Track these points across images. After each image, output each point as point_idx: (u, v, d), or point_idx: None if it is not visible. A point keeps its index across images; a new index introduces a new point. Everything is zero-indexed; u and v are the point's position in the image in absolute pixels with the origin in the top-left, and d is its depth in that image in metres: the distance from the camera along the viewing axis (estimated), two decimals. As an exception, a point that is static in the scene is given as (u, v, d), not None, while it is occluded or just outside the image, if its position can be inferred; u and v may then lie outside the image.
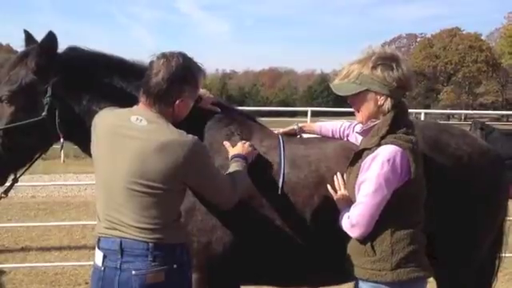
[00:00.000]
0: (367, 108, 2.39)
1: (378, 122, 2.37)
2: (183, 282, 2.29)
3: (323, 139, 2.99)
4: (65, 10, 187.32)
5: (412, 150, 2.29)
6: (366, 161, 2.32)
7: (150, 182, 2.15)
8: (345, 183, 2.53)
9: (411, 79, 2.41)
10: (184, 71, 2.26)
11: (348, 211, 2.38)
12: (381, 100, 2.35)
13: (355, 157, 2.47)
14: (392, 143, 2.29)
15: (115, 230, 2.21)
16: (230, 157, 2.59)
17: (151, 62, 2.29)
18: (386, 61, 2.35)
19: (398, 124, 2.34)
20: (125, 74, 2.75)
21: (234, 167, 2.51)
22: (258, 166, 2.70)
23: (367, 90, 2.36)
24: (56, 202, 10.09)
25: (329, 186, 2.56)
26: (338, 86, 2.46)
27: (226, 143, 2.70)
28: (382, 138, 2.32)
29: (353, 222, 2.31)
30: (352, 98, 2.43)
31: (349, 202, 2.45)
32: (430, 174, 2.53)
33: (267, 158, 2.75)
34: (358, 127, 2.76)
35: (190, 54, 2.36)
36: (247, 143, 2.68)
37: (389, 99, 2.34)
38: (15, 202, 9.18)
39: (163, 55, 2.28)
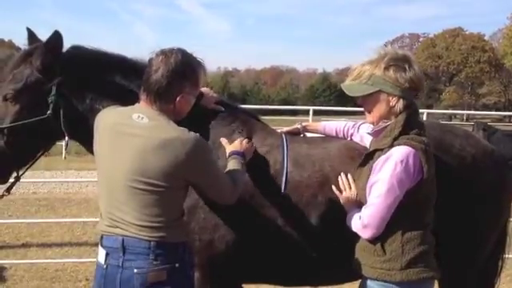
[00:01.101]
0: (379, 109, 2.38)
1: (390, 122, 2.36)
2: (185, 281, 2.27)
3: (327, 139, 2.97)
4: (67, 6, 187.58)
5: (424, 150, 2.28)
6: (379, 162, 2.31)
7: (152, 180, 2.14)
8: (349, 183, 2.52)
9: (423, 80, 2.40)
10: (183, 67, 2.24)
11: (358, 212, 2.37)
12: (393, 101, 2.34)
13: (366, 157, 2.46)
14: (405, 144, 2.27)
15: (117, 228, 2.20)
16: (227, 153, 2.59)
17: (150, 60, 2.28)
18: (399, 62, 2.33)
19: (411, 125, 2.33)
20: (127, 73, 2.75)
21: (232, 164, 2.50)
22: (260, 165, 2.69)
23: (379, 91, 2.35)
24: (57, 199, 10.11)
25: (333, 187, 2.55)
26: (350, 87, 2.44)
27: (223, 140, 2.69)
28: (395, 139, 2.31)
29: (364, 222, 2.30)
30: (363, 99, 2.42)
31: (355, 202, 2.45)
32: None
33: (270, 156, 2.74)
34: (365, 127, 2.75)
35: (190, 51, 2.34)
36: (245, 140, 2.67)
37: (401, 100, 2.33)
38: (16, 198, 9.19)
39: (162, 52, 2.27)
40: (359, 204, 2.41)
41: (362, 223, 2.31)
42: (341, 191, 2.52)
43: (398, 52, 2.40)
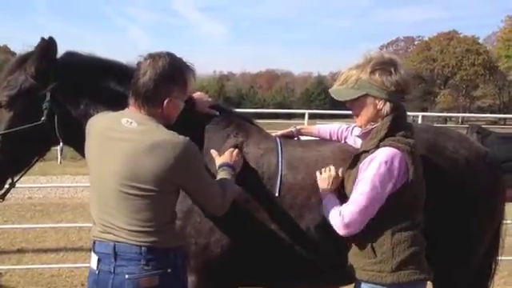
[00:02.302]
0: (366, 112, 2.40)
1: (377, 125, 2.38)
2: (178, 286, 2.28)
3: (321, 141, 2.99)
4: (62, 11, 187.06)
5: (410, 152, 2.30)
6: (364, 162, 2.34)
7: (141, 184, 2.14)
8: (330, 168, 2.56)
9: (409, 83, 2.43)
10: (171, 71, 2.24)
11: (337, 206, 2.39)
12: (380, 104, 2.36)
13: (354, 159, 2.48)
14: (390, 146, 2.30)
15: (109, 234, 2.20)
16: (217, 165, 2.58)
17: (139, 63, 2.28)
18: (384, 65, 2.36)
19: (397, 127, 2.35)
20: (121, 78, 2.74)
21: (221, 175, 2.50)
22: (255, 168, 2.70)
23: (366, 95, 2.37)
24: (52, 204, 10.07)
25: (317, 173, 2.58)
26: (337, 92, 2.47)
27: (213, 152, 2.68)
28: (381, 140, 2.34)
29: (345, 220, 2.31)
30: (351, 103, 2.45)
31: (333, 185, 2.50)
32: (426, 176, 2.53)
33: (265, 159, 2.75)
34: (356, 130, 2.78)
35: (183, 55, 2.35)
36: (235, 151, 2.66)
37: (388, 103, 2.36)
38: (11, 204, 9.15)
39: (150, 56, 2.27)
40: (336, 190, 2.45)
41: (342, 220, 2.32)
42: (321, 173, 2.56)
43: (384, 56, 2.43)
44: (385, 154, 2.28)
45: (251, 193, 2.67)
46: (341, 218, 2.33)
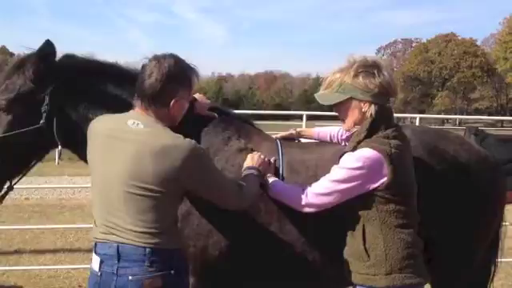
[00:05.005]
0: (352, 115, 2.42)
1: (358, 127, 2.41)
2: None
3: (321, 144, 2.99)
4: (61, 12, 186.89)
5: (388, 153, 2.28)
6: (341, 159, 2.39)
7: (147, 185, 2.14)
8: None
9: (393, 85, 2.44)
10: (176, 72, 2.26)
11: (294, 186, 2.51)
12: (365, 107, 2.37)
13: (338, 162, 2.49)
14: (367, 146, 2.31)
15: (112, 235, 2.19)
16: (243, 168, 2.59)
17: (144, 65, 2.30)
18: (368, 68, 2.37)
19: (377, 128, 2.35)
20: (120, 81, 2.74)
21: (244, 174, 2.52)
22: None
23: (351, 98, 2.38)
24: (50, 205, 10.05)
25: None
26: (322, 96, 2.48)
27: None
28: (359, 142, 2.35)
29: (308, 199, 2.39)
30: (337, 107, 2.46)
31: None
32: (427, 179, 2.53)
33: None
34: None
35: (184, 56, 2.36)
36: (257, 154, 2.66)
37: (372, 105, 2.36)
38: (9, 204, 9.11)
39: (155, 57, 2.29)
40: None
41: (306, 198, 2.39)
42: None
43: (367, 59, 2.42)
44: (360, 152, 2.30)
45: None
46: (304, 196, 2.39)
